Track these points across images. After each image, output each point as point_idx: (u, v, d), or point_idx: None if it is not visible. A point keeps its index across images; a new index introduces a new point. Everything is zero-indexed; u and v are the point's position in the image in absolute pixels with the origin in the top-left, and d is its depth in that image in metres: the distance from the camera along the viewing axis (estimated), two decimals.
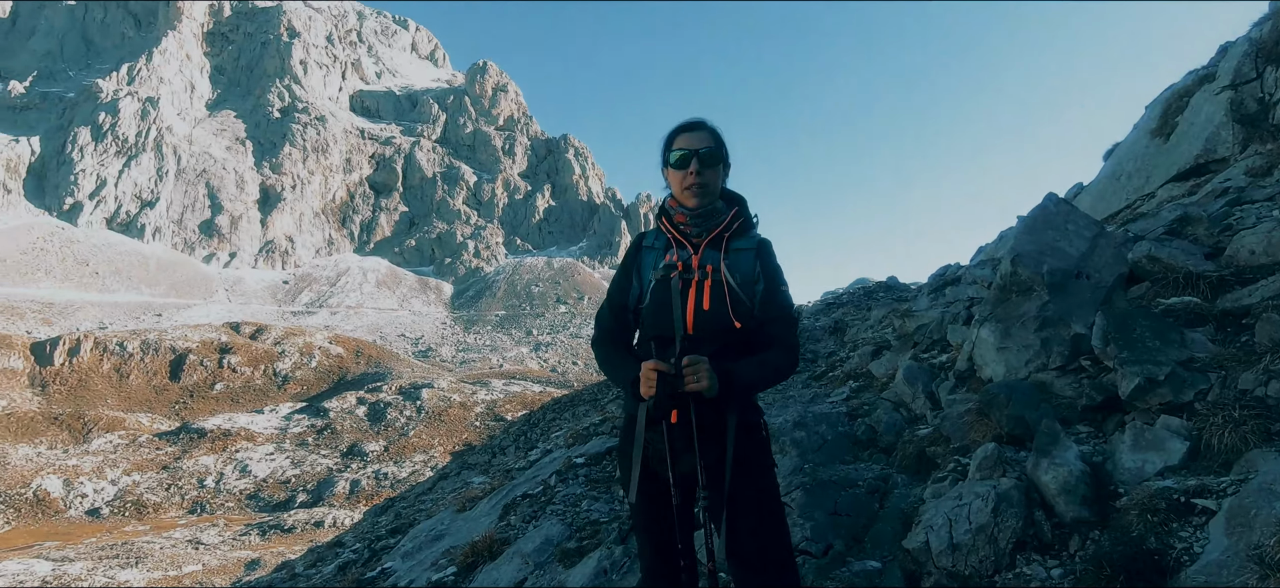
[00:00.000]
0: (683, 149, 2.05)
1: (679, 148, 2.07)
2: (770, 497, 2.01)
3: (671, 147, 2.10)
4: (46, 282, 64.19)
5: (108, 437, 35.02)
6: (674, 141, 2.10)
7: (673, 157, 2.08)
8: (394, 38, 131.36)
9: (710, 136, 2.07)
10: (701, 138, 2.06)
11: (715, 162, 2.05)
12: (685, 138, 2.08)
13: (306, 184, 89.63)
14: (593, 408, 13.19)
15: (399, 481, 30.30)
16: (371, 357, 52.61)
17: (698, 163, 2.03)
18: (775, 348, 2.02)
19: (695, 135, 2.07)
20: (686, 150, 2.05)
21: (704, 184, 2.04)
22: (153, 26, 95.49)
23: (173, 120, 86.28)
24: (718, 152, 2.06)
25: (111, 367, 44.29)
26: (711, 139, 2.07)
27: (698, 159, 2.03)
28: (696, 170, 2.03)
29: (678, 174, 2.07)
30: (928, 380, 4.58)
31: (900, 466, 3.81)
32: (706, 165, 2.03)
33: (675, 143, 2.09)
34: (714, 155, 2.05)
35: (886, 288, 16.73)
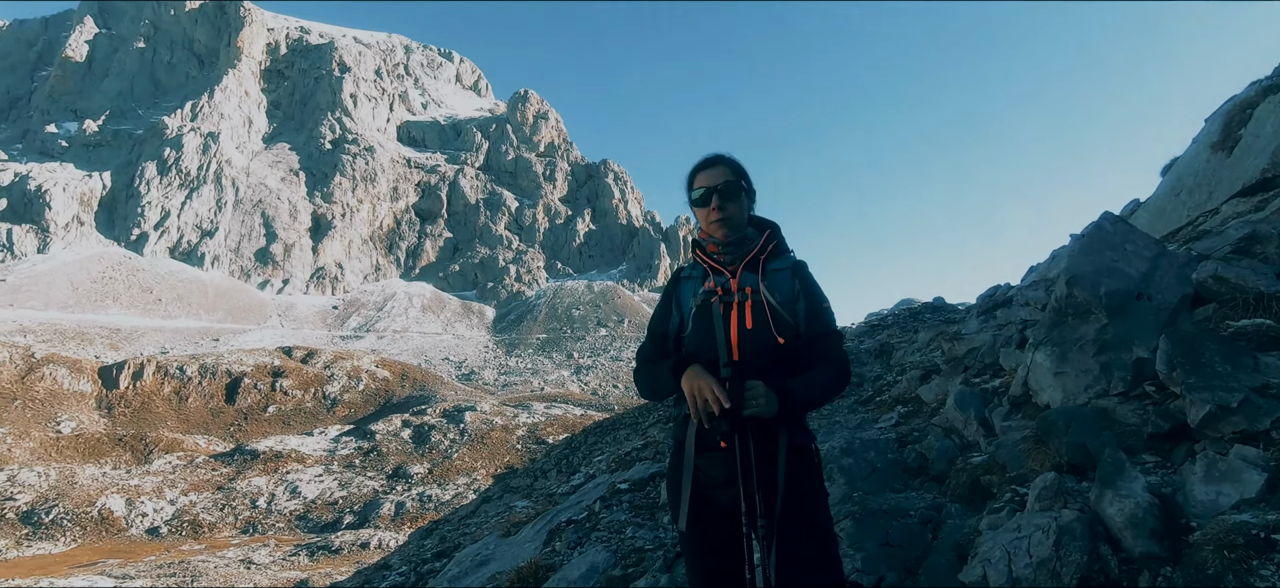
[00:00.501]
0: (702, 187, 2.13)
1: (698, 186, 2.15)
2: (823, 524, 1.99)
3: (692, 186, 2.18)
4: (114, 308, 67.47)
5: (167, 458, 36.38)
6: (694, 180, 2.18)
7: (694, 195, 2.16)
8: (439, 69, 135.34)
9: (727, 170, 2.14)
10: (718, 174, 2.13)
11: (735, 193, 2.11)
12: (703, 176, 2.15)
13: (356, 212, 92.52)
14: (634, 432, 13.16)
15: (443, 503, 30.64)
16: (416, 380, 53.61)
17: (718, 198, 2.10)
18: (825, 364, 2.04)
19: (712, 172, 2.14)
20: (705, 188, 2.12)
21: (728, 217, 2.10)
22: (215, 66, 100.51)
23: (232, 153, 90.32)
24: (736, 184, 2.12)
25: (171, 390, 46.11)
26: (729, 172, 2.13)
27: (717, 195, 2.10)
28: (718, 206, 2.10)
29: (702, 211, 2.15)
30: (980, 406, 4.45)
31: (953, 495, 3.70)
32: (727, 199, 2.10)
33: (695, 181, 2.17)
34: (732, 188, 2.11)
35: (933, 309, 16.30)
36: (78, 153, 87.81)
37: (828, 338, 2.07)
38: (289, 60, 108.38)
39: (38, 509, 28.21)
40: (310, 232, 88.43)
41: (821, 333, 2.07)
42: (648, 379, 2.14)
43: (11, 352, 43.99)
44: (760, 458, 1.90)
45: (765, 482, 1.89)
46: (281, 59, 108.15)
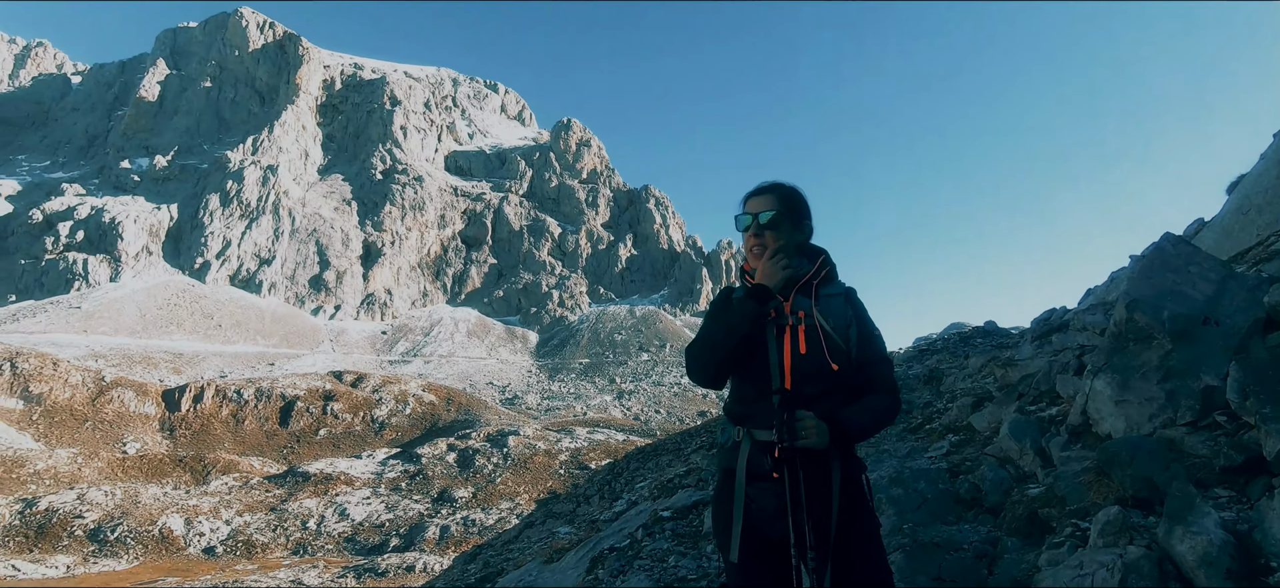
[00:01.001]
0: (747, 215, 2.16)
1: (745, 213, 2.17)
2: (877, 556, 1.96)
3: (743, 211, 2.20)
4: (178, 334, 70.57)
5: (224, 479, 37.61)
6: (744, 206, 2.21)
7: (739, 221, 2.19)
8: (485, 101, 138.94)
9: (773, 200, 2.14)
10: (764, 202, 2.15)
11: (776, 224, 2.12)
12: (751, 203, 2.18)
13: (404, 240, 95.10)
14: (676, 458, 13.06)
15: (486, 527, 30.84)
16: (461, 404, 54.38)
17: (757, 227, 2.12)
18: (876, 392, 2.02)
19: (758, 200, 2.16)
20: (748, 215, 2.15)
21: (764, 247, 2.12)
22: (275, 102, 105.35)
23: (289, 185, 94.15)
24: (778, 214, 2.13)
25: (229, 413, 47.81)
26: (776, 203, 2.14)
27: (757, 223, 2.12)
28: (756, 234, 2.12)
29: (744, 236, 2.18)
30: (1036, 435, 4.28)
31: (1010, 528, 3.56)
32: (767, 228, 2.12)
33: (745, 208, 2.20)
34: (775, 219, 2.12)
35: (984, 333, 15.83)
36: (148, 186, 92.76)
37: (879, 365, 2.05)
38: (343, 95, 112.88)
39: (104, 527, 29.44)
40: (361, 259, 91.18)
41: (873, 360, 2.04)
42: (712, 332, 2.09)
43: (84, 375, 46.33)
44: (812, 489, 1.87)
45: (817, 513, 1.86)
46: (336, 94, 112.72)
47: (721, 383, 2.09)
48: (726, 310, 2.13)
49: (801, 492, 1.85)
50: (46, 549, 27.87)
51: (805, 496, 1.85)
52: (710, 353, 2.06)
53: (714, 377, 2.06)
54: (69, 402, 43.91)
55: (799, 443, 1.84)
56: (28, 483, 33.28)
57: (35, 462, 35.08)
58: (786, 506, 1.86)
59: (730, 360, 2.03)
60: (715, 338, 2.05)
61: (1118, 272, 10.01)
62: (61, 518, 29.44)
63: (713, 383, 2.08)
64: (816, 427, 1.85)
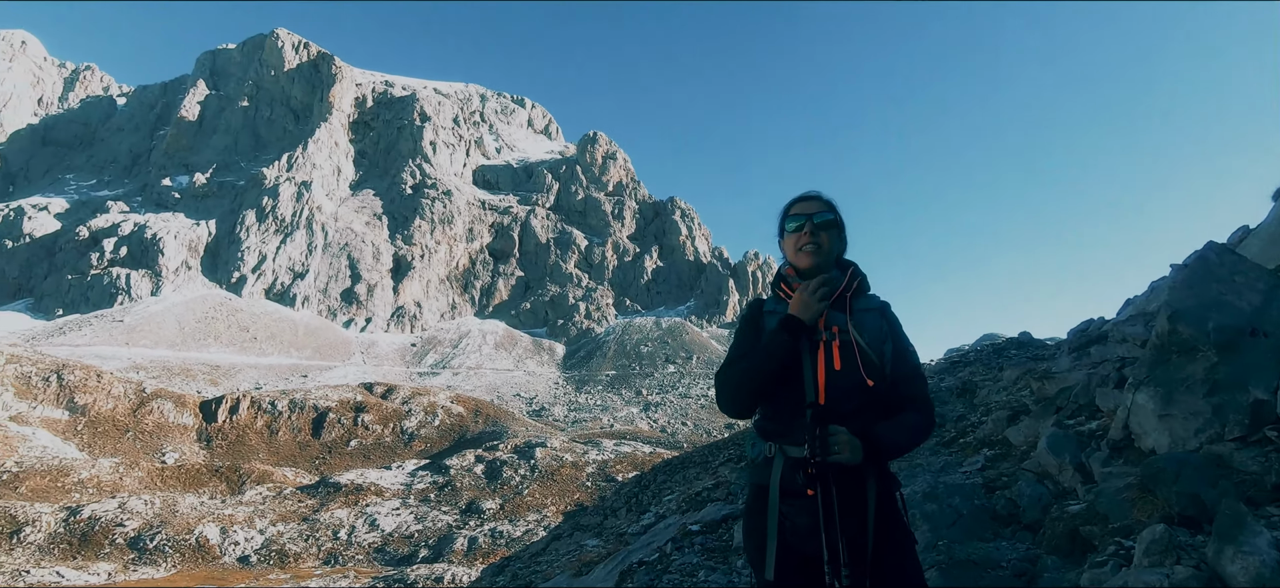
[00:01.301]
0: (798, 216, 2.15)
1: (794, 215, 2.17)
2: (913, 573, 1.92)
3: (788, 215, 2.20)
4: (215, 346, 72.35)
5: (258, 489, 38.31)
6: (790, 210, 2.20)
7: (789, 225, 2.17)
8: (512, 115, 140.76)
9: (824, 205, 2.17)
10: (815, 205, 2.16)
11: (829, 227, 2.13)
12: (801, 206, 2.18)
13: (433, 253, 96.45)
14: (703, 471, 12.98)
15: (514, 539, 30.91)
16: (489, 416, 54.75)
17: (811, 227, 2.11)
18: (911, 409, 1.99)
19: (810, 203, 2.17)
20: (802, 217, 2.14)
21: (819, 245, 2.10)
22: (308, 120, 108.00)
23: (322, 200, 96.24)
24: (832, 219, 2.14)
25: (263, 424, 48.76)
26: (825, 207, 2.16)
27: (812, 224, 2.11)
28: (810, 233, 2.11)
29: (792, 238, 2.15)
30: (1076, 450, 4.17)
31: (1049, 546, 3.46)
32: (820, 230, 2.11)
33: (791, 212, 2.19)
34: (828, 222, 2.13)
35: (1018, 345, 15.52)
36: (188, 203, 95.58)
37: (913, 381, 2.02)
38: (374, 112, 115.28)
39: (143, 536, 30.17)
40: (392, 272, 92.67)
41: (907, 376, 2.02)
42: (745, 366, 2.04)
43: (126, 387, 47.69)
44: (846, 505, 1.85)
45: (851, 530, 1.84)
46: (368, 111, 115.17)
47: (751, 414, 2.10)
48: (757, 336, 2.13)
49: (835, 509, 1.82)
50: (89, 557, 28.64)
51: (839, 512, 1.82)
52: (740, 389, 2.05)
53: (744, 410, 2.07)
54: (112, 412, 45.22)
55: (831, 459, 1.82)
56: (72, 491, 34.29)
57: (79, 471, 36.14)
58: (820, 523, 1.83)
59: (760, 394, 2.03)
60: (744, 375, 2.03)
61: (1158, 281, 9.73)
62: (103, 526, 30.24)
63: (742, 415, 2.08)
64: (849, 443, 1.83)
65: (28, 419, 41.72)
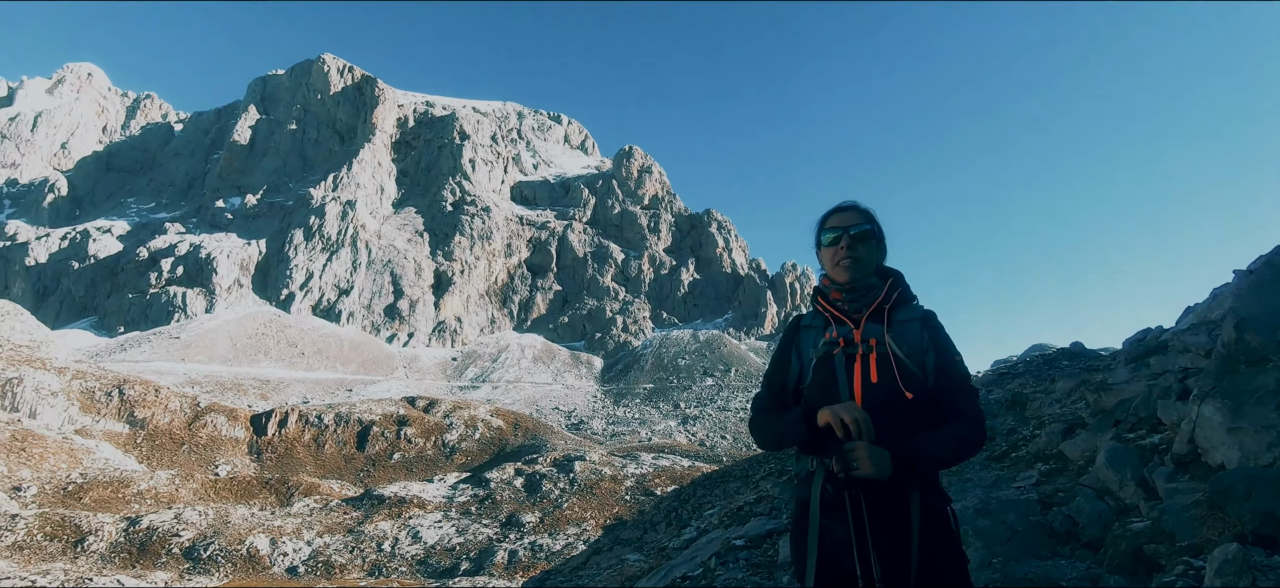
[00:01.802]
0: (835, 229, 2.11)
1: (830, 228, 2.13)
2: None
3: (824, 228, 2.16)
4: (265, 361, 74.68)
5: (305, 501, 39.26)
6: (826, 223, 2.16)
7: (825, 237, 2.14)
8: (549, 132, 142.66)
9: (860, 216, 2.12)
10: (851, 217, 2.12)
11: (866, 238, 2.09)
12: (836, 218, 2.14)
13: (473, 269, 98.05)
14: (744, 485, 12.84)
15: (553, 553, 31.00)
16: (528, 429, 55.17)
17: (848, 240, 2.07)
18: (957, 421, 1.91)
19: (846, 215, 2.13)
20: (838, 229, 2.10)
21: (856, 258, 2.06)
22: (353, 141, 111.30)
23: (366, 219, 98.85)
24: (869, 230, 2.10)
25: (310, 437, 50.03)
26: (861, 218, 2.12)
27: (848, 236, 2.07)
28: (847, 247, 2.07)
29: (830, 252, 2.12)
30: (1138, 465, 4.00)
31: (1111, 565, 3.32)
32: (857, 242, 2.07)
33: (827, 224, 2.16)
34: (865, 234, 2.08)
35: (1070, 356, 15.05)
36: (240, 224, 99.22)
37: (960, 393, 1.94)
38: (415, 132, 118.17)
39: (198, 545, 31.17)
40: (432, 288, 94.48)
41: (954, 387, 1.94)
42: (770, 429, 2.08)
43: (182, 401, 49.53)
44: (886, 521, 1.80)
45: (889, 546, 1.79)
46: (409, 131, 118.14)
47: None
48: (793, 356, 2.13)
49: (866, 523, 1.79)
50: (147, 565, 29.71)
51: (876, 528, 1.79)
52: (767, 442, 2.15)
53: (776, 451, 2.10)
54: (169, 426, 46.98)
55: (853, 474, 1.78)
56: (132, 502, 35.67)
57: (139, 482, 37.58)
58: (852, 538, 1.81)
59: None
60: (774, 435, 2.09)
61: (1220, 288, 9.32)
62: (160, 536, 31.35)
63: (778, 450, 2.12)
64: (873, 456, 1.76)
65: (91, 433, 43.62)
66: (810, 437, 1.93)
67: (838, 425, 1.83)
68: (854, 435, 1.81)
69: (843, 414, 1.82)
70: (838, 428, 1.83)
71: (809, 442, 1.98)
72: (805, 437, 1.94)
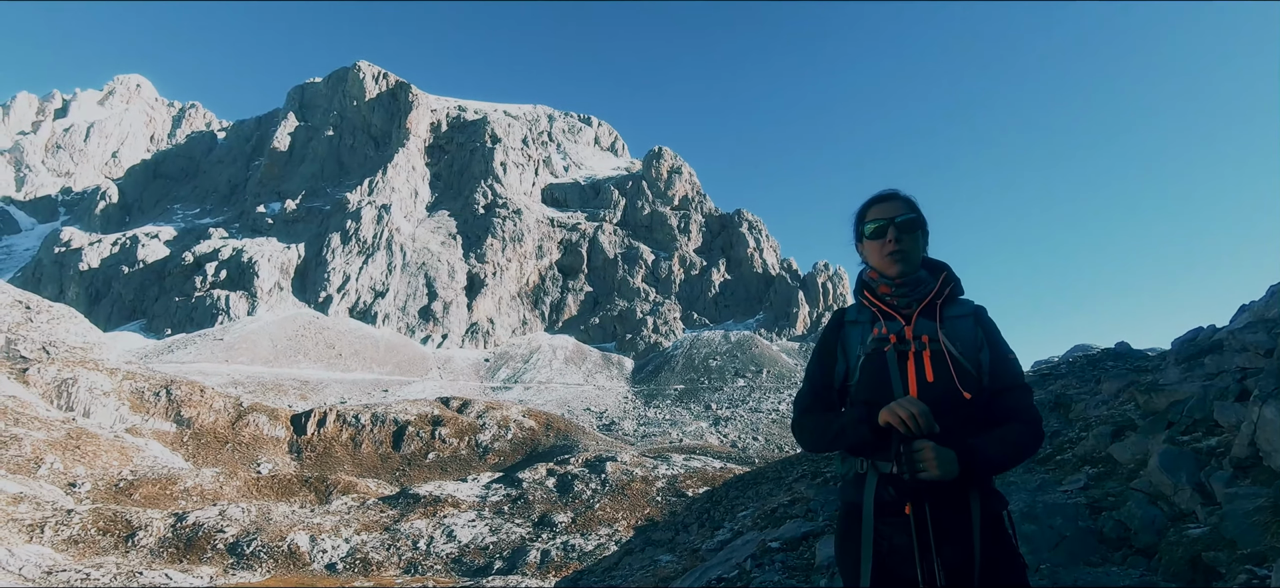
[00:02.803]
0: (878, 220, 2.00)
1: (873, 219, 2.01)
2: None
3: (865, 219, 2.05)
4: (304, 362, 76.51)
5: (343, 499, 40.08)
6: (867, 214, 2.05)
7: (868, 228, 2.02)
8: (579, 134, 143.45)
9: (904, 205, 2.00)
10: (896, 207, 1.99)
11: (912, 228, 1.98)
12: (879, 208, 2.02)
13: (505, 271, 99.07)
14: (777, 487, 12.71)
15: (585, 553, 31.11)
16: (560, 430, 55.52)
17: (895, 231, 1.96)
18: (1014, 422, 1.82)
19: (889, 205, 2.01)
20: (882, 220, 1.99)
21: (903, 251, 1.95)
22: (387, 146, 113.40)
23: (400, 222, 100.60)
24: (915, 219, 1.99)
25: (348, 436, 51.08)
26: (906, 207, 2.00)
27: (895, 227, 1.96)
28: (895, 238, 1.96)
29: (875, 244, 2.01)
30: (1193, 469, 3.83)
31: (1167, 572, 3.19)
32: (904, 232, 1.96)
33: (868, 215, 2.04)
34: (911, 223, 1.98)
35: (1115, 356, 14.61)
36: (280, 228, 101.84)
37: (1016, 391, 1.85)
38: (448, 136, 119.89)
39: (241, 542, 32.04)
40: (465, 290, 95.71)
41: (1009, 386, 1.85)
42: (820, 430, 1.96)
43: (226, 401, 51.00)
44: (947, 525, 1.72)
45: (952, 553, 1.71)
46: (442, 135, 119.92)
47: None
48: (839, 351, 2.02)
49: (929, 530, 1.70)
50: (193, 561, 30.65)
51: (938, 533, 1.70)
52: (816, 445, 1.99)
53: (827, 452, 2.01)
54: (213, 425, 48.41)
55: (920, 476, 1.69)
56: (179, 499, 36.84)
57: (185, 480, 38.79)
58: (915, 544, 1.72)
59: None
60: (826, 437, 1.95)
61: (1277, 285, 8.94)
62: (206, 532, 32.31)
63: (828, 451, 2.02)
64: (939, 457, 1.68)
65: (141, 431, 45.18)
66: (872, 438, 1.84)
67: (898, 422, 1.74)
68: (916, 430, 1.73)
69: (901, 410, 1.73)
70: (899, 424, 1.74)
71: (866, 442, 1.89)
72: (867, 438, 1.85)
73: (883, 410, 1.78)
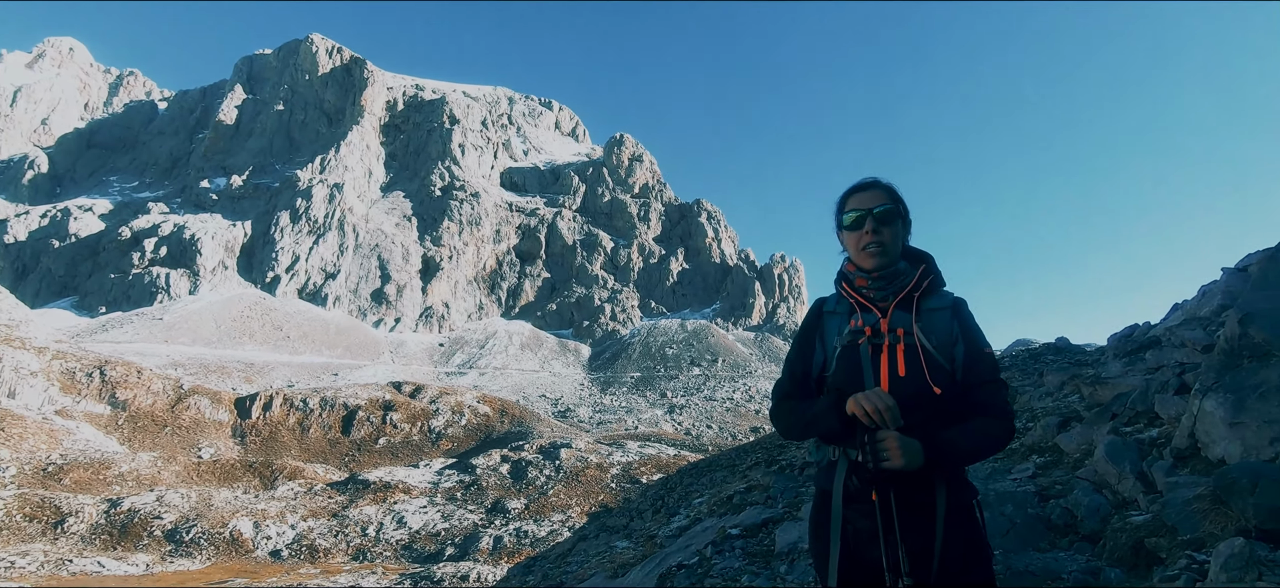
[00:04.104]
0: (856, 210, 1.97)
1: (851, 209, 1.99)
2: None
3: (844, 209, 2.02)
4: (250, 344, 73.95)
5: (290, 485, 39.00)
6: (846, 203, 2.02)
7: (846, 218, 2.00)
8: (540, 118, 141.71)
9: (884, 195, 1.98)
10: (875, 197, 1.97)
11: (891, 219, 1.95)
12: (858, 198, 2.00)
13: (461, 254, 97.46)
14: (732, 474, 12.84)
15: (538, 539, 31.01)
16: (515, 416, 55.09)
17: (873, 221, 1.94)
18: (986, 415, 1.83)
19: (868, 195, 1.98)
20: (860, 210, 1.97)
21: (882, 243, 1.93)
22: (341, 123, 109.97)
23: (353, 202, 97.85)
24: (893, 209, 1.96)
25: (295, 421, 49.68)
26: (886, 197, 1.97)
27: (872, 218, 1.94)
28: (872, 229, 1.93)
29: (853, 235, 1.99)
30: (1136, 459, 3.99)
31: (1112, 558, 3.30)
32: (882, 224, 1.94)
33: (847, 204, 2.02)
34: (889, 213, 1.95)
35: (1056, 350, 15.18)
36: (225, 205, 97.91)
37: (990, 386, 1.86)
38: (405, 115, 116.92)
39: (180, 528, 30.89)
40: (420, 273, 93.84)
41: (983, 381, 1.86)
42: (795, 417, 1.96)
43: (165, 383, 48.96)
44: (912, 513, 1.74)
45: (914, 540, 1.73)
46: (399, 114, 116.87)
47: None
48: (817, 341, 2.02)
49: (894, 514, 1.72)
50: (128, 548, 29.41)
51: (902, 520, 1.72)
52: (790, 431, 2.00)
53: (800, 440, 2.01)
54: (151, 408, 46.43)
55: (883, 466, 1.71)
56: (113, 484, 35.26)
57: (120, 464, 37.14)
58: (879, 528, 1.74)
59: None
60: (802, 423, 1.96)
61: (1208, 285, 9.39)
62: (142, 518, 31.03)
63: (804, 439, 2.02)
64: (904, 447, 1.70)
65: (72, 414, 43.02)
66: (840, 427, 1.84)
67: (862, 414, 1.75)
68: (881, 425, 1.74)
69: (867, 404, 1.74)
70: (862, 416, 1.75)
71: (835, 431, 1.89)
72: (836, 427, 1.84)
73: (850, 400, 1.78)
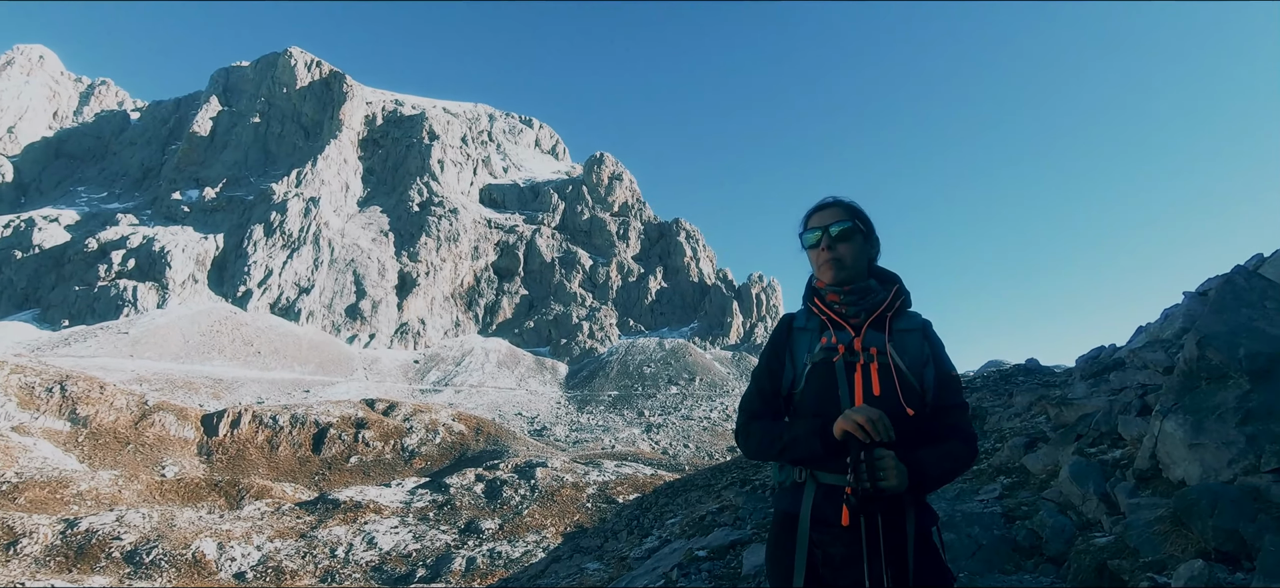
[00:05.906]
0: (815, 228, 2.01)
1: (812, 227, 2.02)
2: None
3: (806, 228, 2.05)
4: (219, 360, 72.36)
5: (257, 504, 38.00)
6: (807, 222, 2.05)
7: (806, 238, 2.03)
8: (520, 135, 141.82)
9: (842, 213, 2.00)
10: (833, 214, 2.00)
11: (849, 236, 1.96)
12: (817, 217, 2.03)
13: (439, 271, 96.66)
14: (706, 494, 12.76)
15: (512, 560, 30.52)
16: (490, 434, 54.43)
17: (828, 239, 1.96)
18: (953, 439, 1.83)
19: (826, 213, 2.01)
20: (819, 228, 2.00)
21: (838, 259, 1.95)
22: (319, 136, 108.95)
23: (330, 216, 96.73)
24: (852, 226, 1.97)
25: (264, 438, 48.55)
26: (844, 214, 1.99)
27: (827, 236, 1.96)
28: (828, 246, 1.96)
29: (813, 252, 2.02)
30: (1100, 480, 4.01)
31: (1075, 579, 3.30)
32: (838, 241, 1.96)
33: (809, 223, 2.04)
34: (848, 231, 1.96)
35: (1026, 371, 15.36)
36: (197, 217, 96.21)
37: (956, 411, 1.87)
38: (384, 130, 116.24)
39: (140, 549, 29.88)
40: (396, 289, 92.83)
41: (950, 405, 1.87)
42: (769, 439, 1.91)
43: (129, 399, 47.63)
44: (887, 539, 1.71)
45: (892, 565, 1.70)
46: (377, 129, 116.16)
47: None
48: (785, 356, 1.99)
49: (880, 539, 1.70)
50: (85, 570, 28.36)
51: (873, 546, 1.70)
52: (761, 452, 1.94)
53: (775, 461, 1.96)
54: (113, 424, 45.10)
55: (881, 486, 1.67)
56: (70, 503, 34.07)
57: (78, 483, 35.93)
58: (862, 554, 1.70)
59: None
60: (765, 445, 1.92)
61: (1171, 308, 9.58)
62: (100, 539, 29.98)
63: (775, 460, 1.96)
64: (897, 469, 1.68)
65: (30, 430, 41.61)
66: (822, 451, 1.79)
67: (857, 429, 1.71)
68: (876, 437, 1.70)
69: (860, 417, 1.70)
70: (857, 431, 1.71)
71: (815, 456, 1.85)
72: (818, 451, 1.80)
73: (839, 419, 1.75)
